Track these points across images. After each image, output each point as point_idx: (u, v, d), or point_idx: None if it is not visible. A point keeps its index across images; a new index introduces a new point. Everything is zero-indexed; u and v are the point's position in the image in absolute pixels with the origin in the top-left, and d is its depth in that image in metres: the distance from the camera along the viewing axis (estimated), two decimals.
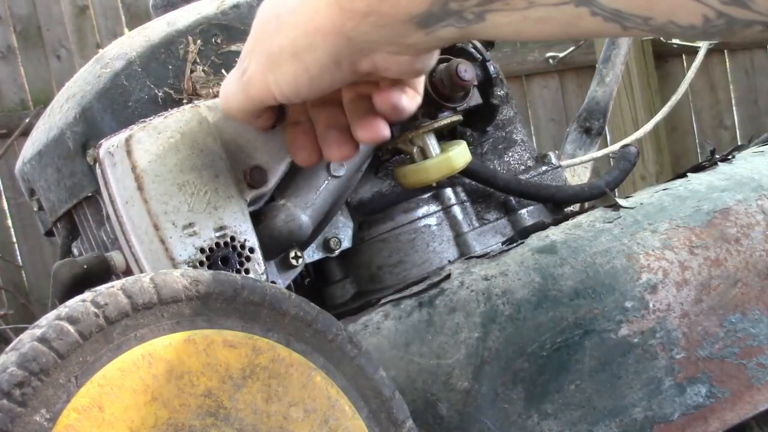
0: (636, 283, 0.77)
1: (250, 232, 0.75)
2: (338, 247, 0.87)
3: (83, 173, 0.84)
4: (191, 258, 0.72)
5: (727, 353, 0.76)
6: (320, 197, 0.80)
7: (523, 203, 0.95)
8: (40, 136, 0.89)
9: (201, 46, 0.84)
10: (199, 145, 0.73)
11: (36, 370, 0.53)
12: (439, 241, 0.90)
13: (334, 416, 0.62)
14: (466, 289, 0.77)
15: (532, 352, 0.74)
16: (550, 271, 0.77)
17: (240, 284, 0.61)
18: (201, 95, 0.82)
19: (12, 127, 3.34)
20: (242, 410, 0.59)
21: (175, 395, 0.56)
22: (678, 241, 0.79)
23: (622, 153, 1.02)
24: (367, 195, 0.90)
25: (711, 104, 3.78)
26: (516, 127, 0.98)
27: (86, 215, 0.88)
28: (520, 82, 3.81)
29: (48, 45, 3.54)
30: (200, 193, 0.73)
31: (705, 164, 0.93)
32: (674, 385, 0.75)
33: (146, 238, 0.72)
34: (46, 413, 0.52)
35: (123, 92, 0.82)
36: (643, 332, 0.75)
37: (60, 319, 0.55)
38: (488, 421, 0.73)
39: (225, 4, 0.86)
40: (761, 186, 0.85)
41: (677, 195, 0.84)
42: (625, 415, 0.74)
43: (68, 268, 0.77)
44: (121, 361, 0.56)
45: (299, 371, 0.62)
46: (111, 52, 0.86)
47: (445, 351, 0.75)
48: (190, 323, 0.59)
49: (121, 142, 0.72)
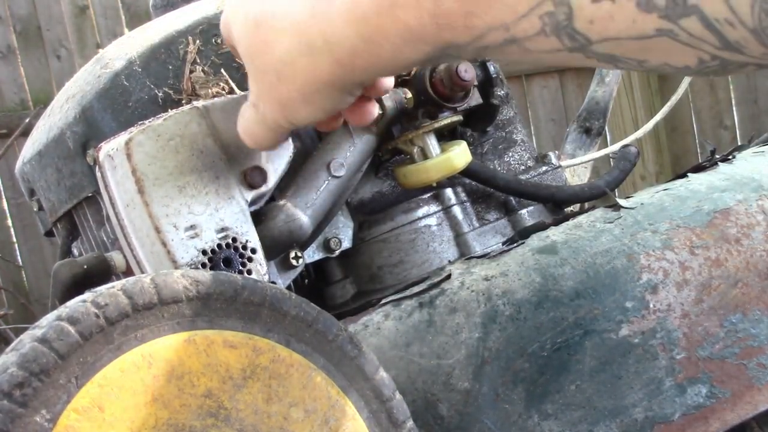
0: (636, 284, 0.77)
1: (251, 232, 0.75)
2: (338, 248, 0.87)
3: (83, 173, 0.84)
4: (193, 260, 0.72)
5: (727, 353, 0.76)
6: (320, 197, 0.80)
7: (523, 203, 0.95)
8: (40, 136, 0.89)
9: (201, 46, 0.84)
10: (199, 146, 0.73)
11: (36, 371, 0.53)
12: (440, 241, 0.90)
13: (335, 416, 0.62)
14: (466, 290, 0.77)
15: (533, 353, 0.74)
16: (550, 272, 0.77)
17: (240, 285, 0.61)
18: (200, 95, 0.82)
19: (12, 127, 3.33)
20: (243, 411, 0.59)
21: (175, 396, 0.56)
22: (678, 242, 0.79)
23: (622, 153, 1.03)
24: (367, 195, 0.90)
25: (711, 104, 3.78)
26: (516, 127, 0.98)
27: (86, 215, 0.88)
28: (520, 82, 3.81)
29: (48, 45, 3.54)
30: (201, 194, 0.73)
31: (705, 164, 0.93)
32: (675, 385, 0.75)
33: (148, 241, 0.72)
34: (46, 414, 0.52)
35: (123, 92, 0.82)
36: (643, 332, 0.75)
37: (60, 320, 0.55)
38: (489, 421, 0.73)
39: (225, 4, 0.86)
40: (762, 186, 0.85)
41: (678, 195, 0.84)
42: (626, 415, 0.74)
43: (68, 269, 0.77)
44: (121, 362, 0.56)
45: (300, 371, 0.62)
46: (111, 52, 0.86)
47: (446, 351, 0.75)
48: (191, 324, 0.59)
49: (120, 145, 0.72)
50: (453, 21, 0.54)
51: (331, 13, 0.61)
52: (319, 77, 0.63)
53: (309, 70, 0.63)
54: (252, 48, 0.66)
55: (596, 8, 0.49)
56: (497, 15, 0.52)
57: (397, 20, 0.57)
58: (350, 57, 0.61)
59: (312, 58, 0.63)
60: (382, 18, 0.57)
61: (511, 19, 0.52)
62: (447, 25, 0.55)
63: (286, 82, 0.65)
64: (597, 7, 0.49)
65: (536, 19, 0.51)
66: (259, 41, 0.65)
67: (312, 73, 0.63)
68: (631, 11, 0.48)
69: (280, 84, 0.65)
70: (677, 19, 0.47)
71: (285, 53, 0.64)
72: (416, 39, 0.57)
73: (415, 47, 0.58)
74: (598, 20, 0.49)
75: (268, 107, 0.68)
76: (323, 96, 0.65)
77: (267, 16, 0.65)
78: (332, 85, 0.64)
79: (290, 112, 0.67)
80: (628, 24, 0.49)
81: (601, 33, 0.50)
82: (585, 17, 0.50)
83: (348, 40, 0.60)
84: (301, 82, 0.64)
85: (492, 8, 0.52)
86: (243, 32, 0.67)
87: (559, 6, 0.50)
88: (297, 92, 0.65)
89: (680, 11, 0.47)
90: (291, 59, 0.64)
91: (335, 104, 0.67)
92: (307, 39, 0.62)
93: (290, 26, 0.63)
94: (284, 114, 0.67)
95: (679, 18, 0.47)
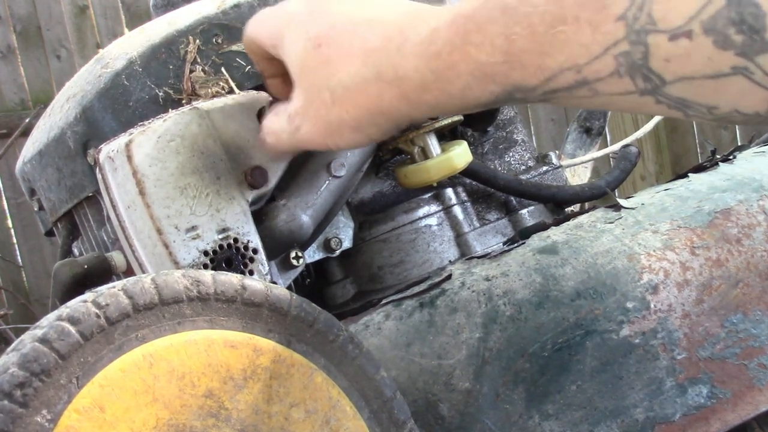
0: (637, 284, 0.77)
1: (253, 233, 0.74)
2: (339, 247, 0.87)
3: (84, 173, 0.84)
4: (195, 261, 0.72)
5: (728, 354, 0.76)
6: (321, 197, 0.80)
7: (523, 203, 0.95)
8: (41, 136, 0.89)
9: (201, 46, 0.84)
10: (200, 147, 0.73)
11: (37, 371, 0.53)
12: (440, 241, 0.90)
13: (336, 417, 0.62)
14: (467, 290, 0.77)
15: (534, 353, 0.74)
16: (551, 272, 0.77)
17: (241, 285, 0.61)
18: (200, 95, 0.82)
19: (12, 127, 3.34)
20: (243, 411, 0.59)
21: (176, 396, 0.56)
22: (679, 242, 0.79)
23: (623, 153, 1.03)
24: (367, 195, 0.90)
25: None
26: (516, 127, 0.98)
27: (87, 215, 0.88)
28: None
29: (48, 45, 3.54)
30: (202, 195, 0.73)
31: (706, 164, 0.93)
32: (675, 385, 0.75)
33: (149, 243, 0.72)
34: (47, 414, 0.52)
35: (123, 92, 0.82)
36: (644, 333, 0.75)
37: (61, 320, 0.55)
38: (489, 421, 0.73)
39: (226, 3, 0.86)
40: (762, 186, 0.85)
41: (678, 195, 0.84)
42: (627, 415, 0.74)
43: (69, 268, 0.77)
44: (122, 362, 0.56)
45: (300, 372, 0.62)
46: (111, 52, 0.86)
47: (447, 351, 0.75)
48: (192, 324, 0.59)
49: (121, 147, 0.72)
50: (525, 61, 0.54)
51: (405, 47, 0.60)
52: (380, 107, 0.63)
53: (372, 98, 0.63)
54: (309, 64, 0.66)
55: (673, 46, 0.49)
56: (571, 55, 0.52)
57: (468, 57, 0.57)
58: (418, 92, 0.60)
59: (378, 88, 0.62)
60: (454, 55, 0.57)
61: (584, 60, 0.52)
62: (518, 64, 0.55)
63: (342, 104, 0.64)
64: (674, 45, 0.49)
65: (611, 59, 0.51)
66: (321, 60, 0.65)
67: (374, 102, 0.63)
68: (708, 48, 0.48)
69: (334, 106, 0.65)
70: (754, 56, 0.47)
71: (349, 77, 0.63)
72: (486, 78, 0.57)
73: (484, 87, 0.57)
74: (674, 59, 0.49)
75: (310, 124, 0.67)
76: (376, 126, 0.65)
77: (334, 37, 0.64)
78: (390, 117, 0.63)
79: (333, 135, 0.66)
80: (704, 62, 0.49)
81: (676, 72, 0.50)
82: (661, 56, 0.50)
83: (419, 74, 0.60)
84: (360, 109, 0.64)
85: (566, 48, 0.52)
86: (302, 47, 0.66)
87: (635, 45, 0.50)
88: (350, 117, 0.64)
89: (758, 48, 0.47)
90: (355, 85, 0.63)
91: (382, 135, 0.66)
92: (376, 68, 0.62)
93: (360, 53, 0.63)
94: (325, 135, 0.67)
95: (756, 54, 0.47)
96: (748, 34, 0.47)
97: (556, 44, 0.53)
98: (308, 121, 0.67)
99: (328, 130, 0.66)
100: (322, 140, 0.67)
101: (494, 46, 0.55)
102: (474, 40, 0.56)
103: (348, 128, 0.65)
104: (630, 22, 0.50)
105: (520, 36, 0.54)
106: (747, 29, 0.47)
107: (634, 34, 0.50)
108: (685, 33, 0.49)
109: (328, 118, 0.66)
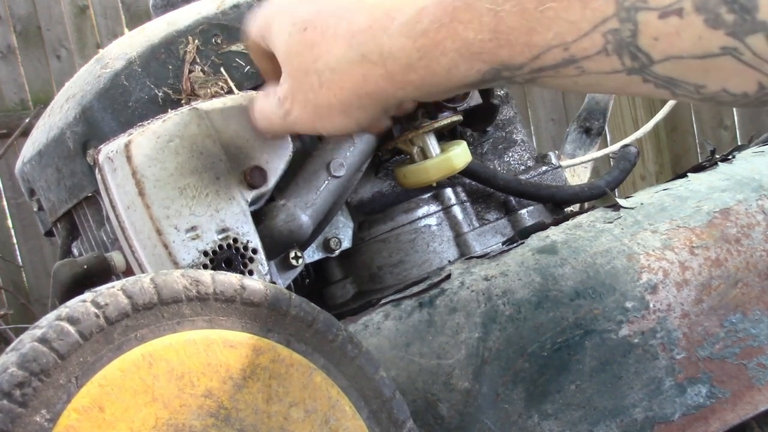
0: (636, 284, 0.77)
1: (252, 233, 0.75)
2: (338, 247, 0.87)
3: (83, 173, 0.84)
4: (195, 261, 0.72)
5: (727, 353, 0.76)
6: (320, 197, 0.80)
7: (523, 203, 0.95)
8: (40, 136, 0.89)
9: (200, 46, 0.84)
10: (199, 147, 0.73)
11: (36, 371, 0.53)
12: (440, 241, 0.90)
13: (335, 416, 0.62)
14: (466, 290, 0.77)
15: (533, 353, 0.74)
16: (550, 272, 0.77)
17: (240, 285, 0.61)
18: (199, 95, 0.82)
19: (12, 127, 3.34)
20: (243, 410, 0.59)
21: (175, 396, 0.56)
22: (678, 242, 0.79)
23: (622, 153, 1.03)
24: (367, 195, 0.90)
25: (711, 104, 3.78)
26: (516, 127, 0.99)
27: (86, 215, 0.88)
28: None
29: (48, 45, 3.54)
30: (201, 195, 0.73)
31: (705, 164, 0.93)
32: (675, 385, 0.75)
33: (149, 243, 0.72)
34: (46, 414, 0.52)
35: (123, 92, 0.82)
36: (643, 332, 0.75)
37: (60, 320, 0.55)
38: (489, 421, 0.73)
39: (225, 4, 0.86)
40: (762, 186, 0.85)
41: (678, 195, 0.84)
42: (626, 415, 0.74)
43: (68, 268, 0.77)
44: (121, 362, 0.56)
45: (300, 371, 0.62)
46: (111, 52, 0.86)
47: (446, 351, 0.75)
48: (191, 324, 0.59)
49: (120, 148, 0.72)
50: (513, 38, 0.54)
51: (390, 27, 0.60)
52: (366, 89, 0.63)
53: (357, 80, 0.63)
54: (295, 48, 0.66)
55: (663, 24, 0.49)
56: (559, 32, 0.52)
57: (456, 35, 0.57)
58: (404, 71, 0.60)
59: (363, 69, 0.62)
60: (441, 32, 0.57)
61: (572, 38, 0.52)
62: (506, 41, 0.54)
63: (329, 88, 0.64)
64: (664, 22, 0.49)
65: (599, 36, 0.51)
66: (306, 43, 0.65)
67: (360, 84, 0.63)
68: (698, 27, 0.48)
69: (322, 89, 0.65)
70: (744, 36, 0.47)
71: (335, 60, 0.63)
72: (473, 56, 0.56)
73: (471, 65, 0.57)
74: (663, 37, 0.49)
75: (299, 108, 0.67)
76: (363, 109, 0.64)
77: (320, 21, 0.64)
78: (376, 98, 0.63)
79: (322, 119, 0.66)
80: (694, 41, 0.48)
81: (665, 51, 0.50)
82: (650, 34, 0.49)
83: (404, 53, 0.59)
84: (346, 91, 0.64)
85: (554, 25, 0.52)
86: (287, 32, 0.66)
87: (624, 23, 0.50)
88: (337, 100, 0.64)
89: (748, 27, 0.47)
90: (340, 67, 0.63)
91: (370, 120, 0.66)
92: (362, 49, 0.62)
93: (345, 34, 0.63)
94: (314, 119, 0.67)
95: (746, 35, 0.47)
96: (739, 14, 0.47)
97: (544, 21, 0.52)
98: (297, 105, 0.67)
99: (317, 114, 0.66)
100: (312, 124, 0.67)
101: (482, 23, 0.55)
102: (462, 17, 0.56)
103: (336, 111, 0.65)
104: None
105: (509, 13, 0.53)
106: (739, 8, 0.47)
107: (624, 12, 0.50)
108: (675, 11, 0.48)
109: (316, 102, 0.66)
